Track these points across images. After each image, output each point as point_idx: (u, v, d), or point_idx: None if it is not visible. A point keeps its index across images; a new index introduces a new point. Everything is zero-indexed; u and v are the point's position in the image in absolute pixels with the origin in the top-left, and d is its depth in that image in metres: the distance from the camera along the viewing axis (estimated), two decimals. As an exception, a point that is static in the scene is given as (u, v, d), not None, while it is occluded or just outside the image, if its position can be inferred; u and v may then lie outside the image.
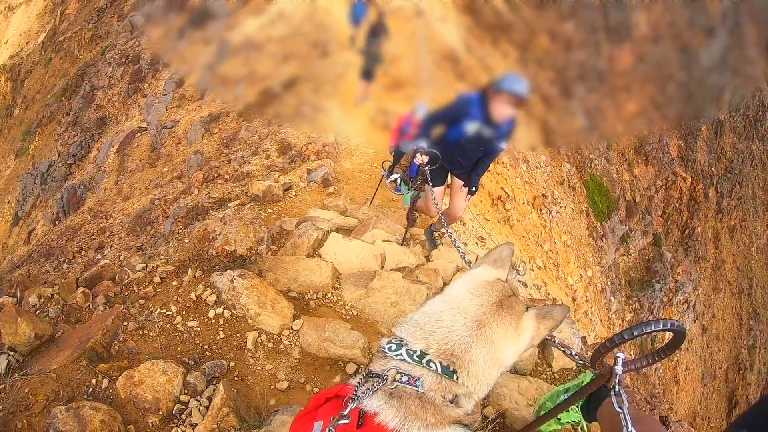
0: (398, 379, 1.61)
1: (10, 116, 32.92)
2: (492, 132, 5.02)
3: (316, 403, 1.77)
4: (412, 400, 1.58)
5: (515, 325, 1.73)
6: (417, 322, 1.73)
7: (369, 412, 1.58)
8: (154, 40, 22.83)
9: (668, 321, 1.84)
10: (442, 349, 1.64)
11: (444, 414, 1.60)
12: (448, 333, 1.67)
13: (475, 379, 1.66)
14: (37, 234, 19.87)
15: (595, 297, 16.88)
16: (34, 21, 37.48)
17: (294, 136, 13.25)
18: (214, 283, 4.11)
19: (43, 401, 2.94)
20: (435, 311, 1.74)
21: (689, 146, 23.79)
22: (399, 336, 1.71)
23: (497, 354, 1.69)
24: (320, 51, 9.03)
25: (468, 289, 1.79)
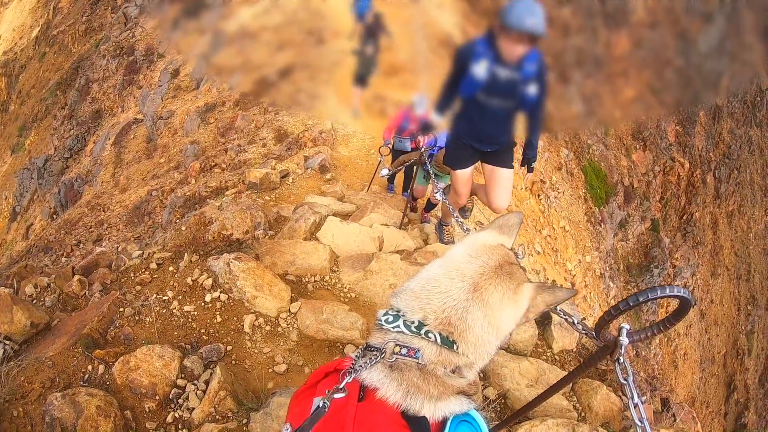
0: (397, 352, 1.54)
1: (6, 112, 32.80)
2: (511, 73, 3.96)
3: (315, 379, 1.72)
4: (413, 372, 1.53)
5: (513, 290, 1.65)
6: (413, 290, 1.66)
7: (369, 386, 1.53)
8: (149, 31, 22.76)
9: (673, 287, 1.76)
10: (440, 318, 1.58)
11: (447, 385, 1.55)
12: (445, 299, 1.60)
13: (474, 347, 1.59)
14: (35, 229, 19.83)
15: (594, 282, 16.87)
16: (27, 15, 37.31)
17: (290, 124, 13.24)
18: (210, 267, 4.07)
19: (39, 389, 2.91)
20: (432, 276, 1.67)
21: (687, 132, 23.76)
22: (396, 307, 1.65)
23: (494, 319, 1.62)
24: (315, 38, 9.02)
25: (467, 251, 1.72)
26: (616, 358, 2.01)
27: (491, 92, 4.09)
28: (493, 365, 3.73)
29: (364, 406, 1.50)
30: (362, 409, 1.49)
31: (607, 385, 3.93)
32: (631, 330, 2.02)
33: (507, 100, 4.16)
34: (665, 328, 2.02)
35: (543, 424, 3.16)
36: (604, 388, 3.85)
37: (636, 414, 1.91)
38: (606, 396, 3.77)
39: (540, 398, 2.56)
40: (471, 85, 4.07)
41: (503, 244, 1.82)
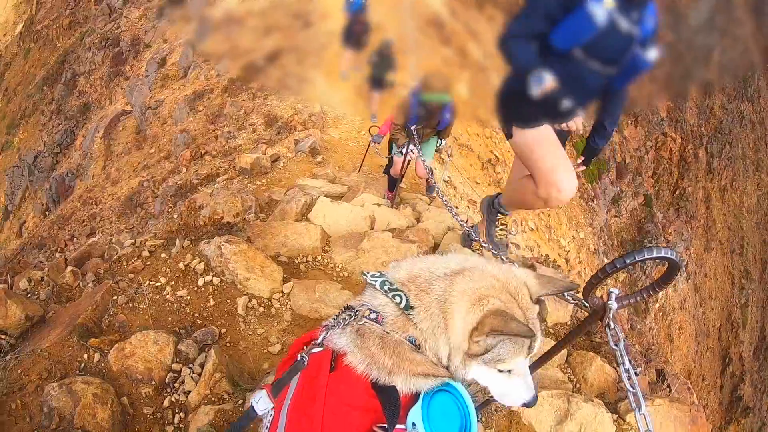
0: (367, 315, 1.55)
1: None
2: (632, 27, 2.91)
3: (296, 349, 1.72)
4: (373, 339, 1.52)
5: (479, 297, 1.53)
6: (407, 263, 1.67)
7: (339, 351, 1.54)
8: (134, 21, 22.59)
9: (661, 249, 1.72)
10: (413, 279, 1.59)
11: (404, 359, 1.51)
12: (426, 270, 1.61)
13: (428, 319, 1.53)
14: (28, 226, 19.76)
15: (588, 258, 16.94)
16: (10, 12, 36.92)
17: (280, 108, 13.19)
18: (202, 251, 4.06)
19: (36, 380, 2.89)
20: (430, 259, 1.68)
21: (678, 107, 23.75)
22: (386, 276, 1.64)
23: (449, 305, 1.53)
24: (302, 22, 9.01)
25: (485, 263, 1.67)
26: (606, 323, 1.99)
27: (598, 49, 2.95)
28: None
29: (335, 376, 1.50)
30: (333, 379, 1.50)
31: (602, 357, 3.95)
32: (620, 294, 1.96)
33: (610, 65, 3.07)
34: (654, 292, 1.99)
35: (538, 396, 3.18)
36: (599, 359, 3.86)
37: (627, 380, 1.90)
38: (600, 367, 3.79)
39: (532, 368, 2.56)
40: (576, 33, 2.88)
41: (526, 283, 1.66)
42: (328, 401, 1.45)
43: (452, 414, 1.48)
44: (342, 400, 1.47)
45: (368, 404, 1.46)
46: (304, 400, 1.51)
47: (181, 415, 2.90)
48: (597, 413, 3.16)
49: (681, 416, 3.49)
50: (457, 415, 1.48)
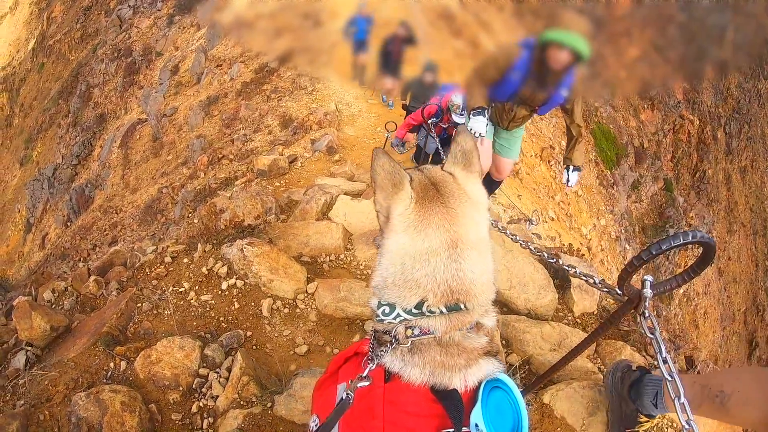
0: (410, 335, 1.47)
1: (10, 126, 33.00)
2: None
3: (336, 365, 1.66)
4: (433, 349, 1.46)
5: (466, 198, 1.56)
6: (395, 284, 1.51)
7: (393, 372, 1.47)
8: (144, 30, 22.75)
9: (696, 232, 1.63)
10: (439, 293, 1.46)
11: (470, 350, 1.47)
12: (433, 277, 1.47)
13: (481, 293, 1.50)
14: (50, 238, 19.97)
15: (610, 246, 16.79)
16: (22, 29, 37.40)
17: (294, 109, 13.21)
18: (224, 255, 4.03)
19: (63, 391, 2.88)
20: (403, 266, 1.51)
21: (694, 88, 23.47)
22: (385, 302, 1.54)
23: (483, 245, 1.53)
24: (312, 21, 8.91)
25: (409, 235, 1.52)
26: (641, 311, 1.93)
27: None
28: (514, 331, 3.68)
29: (392, 387, 1.45)
30: (390, 390, 1.45)
31: (631, 345, 3.88)
32: (655, 282, 1.89)
33: None
34: (690, 277, 1.87)
35: (569, 388, 3.11)
36: (628, 348, 3.79)
37: (665, 368, 1.83)
38: (630, 356, 3.72)
39: (563, 360, 2.50)
40: None
41: (452, 173, 1.64)
42: (387, 412, 1.40)
43: (506, 411, 1.45)
44: (402, 409, 1.41)
45: (431, 410, 1.41)
46: (358, 414, 1.45)
47: (210, 420, 2.87)
48: (629, 404, 3.11)
49: (712, 404, 3.43)
50: (510, 411, 1.45)
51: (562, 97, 4.75)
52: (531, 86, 4.53)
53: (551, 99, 4.84)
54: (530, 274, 4.24)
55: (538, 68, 4.09)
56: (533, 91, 4.73)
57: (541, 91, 4.68)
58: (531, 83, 4.44)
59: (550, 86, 4.46)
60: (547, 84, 4.41)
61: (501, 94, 4.62)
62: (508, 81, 4.24)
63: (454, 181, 1.60)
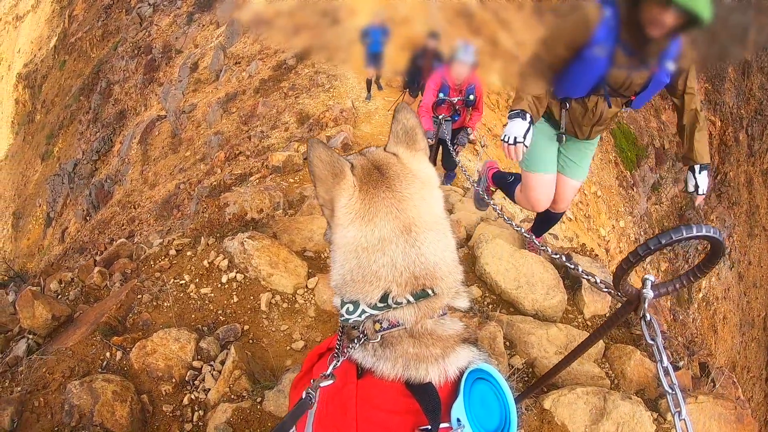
0: (379, 329, 1.39)
1: (32, 122, 33.41)
2: None
3: (310, 363, 1.60)
4: (405, 341, 1.38)
5: (413, 178, 1.48)
6: (354, 280, 1.43)
7: (366, 368, 1.40)
8: (164, 28, 22.91)
9: (701, 226, 1.51)
10: (403, 282, 1.39)
11: (445, 338, 1.40)
12: (392, 267, 1.39)
13: (448, 275, 1.43)
14: (70, 232, 20.16)
15: (629, 248, 16.61)
16: (44, 26, 37.84)
17: (311, 106, 13.20)
18: (226, 248, 4.02)
19: (59, 378, 2.91)
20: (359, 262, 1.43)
21: (716, 89, 23.21)
22: (348, 300, 1.45)
23: (440, 224, 1.46)
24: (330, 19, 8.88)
25: (356, 227, 1.44)
26: (641, 314, 1.80)
27: None
28: (519, 333, 3.61)
29: (365, 383, 1.38)
30: (362, 387, 1.38)
31: (642, 350, 3.78)
32: (657, 281, 1.73)
33: None
34: (696, 277, 1.69)
35: (572, 393, 3.03)
36: (638, 353, 3.69)
37: (665, 379, 1.69)
38: (640, 361, 3.62)
39: (563, 363, 2.37)
40: None
41: (396, 153, 1.56)
42: (361, 410, 1.33)
43: (492, 404, 1.37)
44: (376, 406, 1.34)
45: (406, 406, 1.33)
46: (331, 412, 1.39)
47: (200, 413, 2.86)
48: (635, 412, 3.00)
49: (726, 414, 3.32)
50: (496, 404, 1.38)
51: (666, 75, 3.24)
52: (625, 64, 3.07)
53: (653, 81, 3.26)
54: (539, 273, 4.17)
55: (631, 34, 2.87)
56: (629, 72, 3.15)
57: (641, 69, 3.12)
58: (624, 59, 3.02)
59: (652, 60, 3.07)
60: (647, 57, 3.04)
61: (579, 85, 3.30)
62: (587, 62, 3.05)
63: (399, 162, 1.52)
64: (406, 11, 7.98)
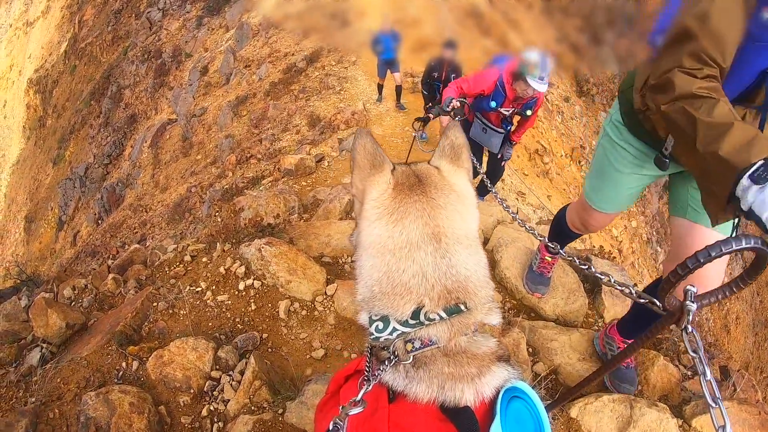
0: (411, 349, 1.31)
1: (43, 127, 33.60)
2: None
3: (336, 384, 1.52)
4: (439, 360, 1.30)
5: (450, 191, 1.42)
6: (383, 292, 1.35)
7: (397, 391, 1.31)
8: (174, 32, 22.96)
9: (750, 238, 1.47)
10: (435, 295, 1.31)
11: (480, 356, 1.31)
12: (423, 278, 1.32)
13: (481, 288, 1.35)
14: (82, 235, 20.24)
15: (641, 248, 16.49)
16: (54, 32, 38.05)
17: (322, 108, 13.19)
18: (242, 254, 3.96)
19: (74, 389, 2.85)
20: (390, 269, 1.35)
21: (729, 87, 23.02)
22: (376, 314, 1.37)
23: (471, 240, 1.38)
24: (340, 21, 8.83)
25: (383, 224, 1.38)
26: (683, 326, 1.72)
27: None
28: (542, 339, 3.53)
29: (397, 408, 1.30)
30: (395, 411, 1.30)
31: (664, 355, 3.70)
32: (698, 292, 1.62)
33: None
34: (739, 288, 1.62)
35: (598, 401, 2.96)
36: (661, 358, 3.60)
37: (708, 391, 1.62)
38: (663, 367, 3.53)
39: (596, 374, 2.32)
40: None
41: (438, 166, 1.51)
42: None
43: (527, 422, 1.31)
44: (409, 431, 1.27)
45: (442, 430, 1.26)
46: None
47: (220, 425, 2.79)
48: (662, 419, 2.92)
49: (750, 419, 3.23)
50: (531, 422, 1.31)
51: None
52: None
53: None
54: (559, 277, 4.09)
55: None
56: None
57: None
58: None
59: None
60: None
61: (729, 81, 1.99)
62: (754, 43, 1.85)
63: (439, 174, 1.46)
64: (415, 12, 7.92)
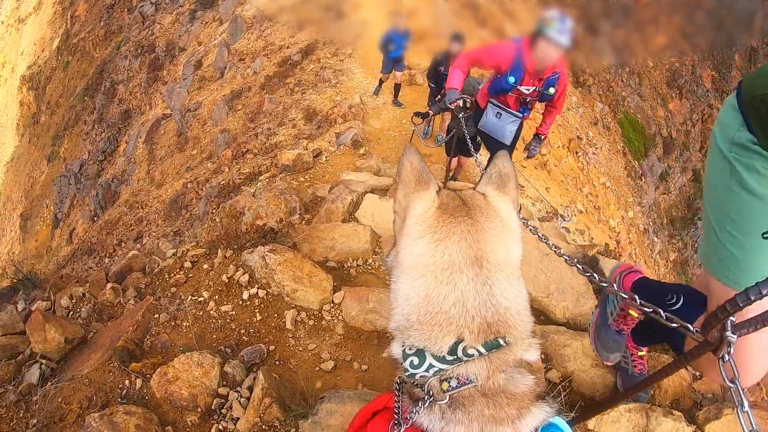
0: (447, 389, 1.23)
1: (37, 124, 33.43)
2: None
3: (363, 420, 1.46)
4: (479, 402, 1.23)
5: (495, 216, 1.36)
6: (420, 321, 1.28)
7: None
8: (167, 26, 22.81)
9: None
10: (475, 328, 1.24)
11: (519, 396, 1.23)
12: (463, 307, 1.25)
13: (521, 322, 1.28)
14: (78, 233, 20.14)
15: (638, 238, 16.51)
16: (46, 28, 37.82)
17: (318, 102, 13.11)
18: (245, 261, 3.87)
19: (76, 409, 2.76)
20: (429, 293, 1.29)
21: (723, 77, 23.03)
22: (410, 346, 1.30)
23: (513, 268, 1.32)
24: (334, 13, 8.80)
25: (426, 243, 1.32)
26: (720, 356, 1.65)
27: None
28: (554, 345, 3.48)
29: None
30: None
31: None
32: (736, 321, 1.56)
33: None
34: None
35: (615, 411, 2.90)
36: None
37: (745, 421, 1.57)
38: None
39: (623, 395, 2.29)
40: None
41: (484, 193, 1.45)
42: None
43: None
44: None
45: None
46: None
47: (230, 445, 2.72)
48: (677, 428, 2.88)
49: (765, 427, 3.21)
50: None
51: None
52: None
53: None
54: (568, 279, 4.03)
55: None
56: None
57: None
58: None
59: None
60: None
61: None
62: None
63: (485, 199, 1.41)
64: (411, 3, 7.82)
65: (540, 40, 4.46)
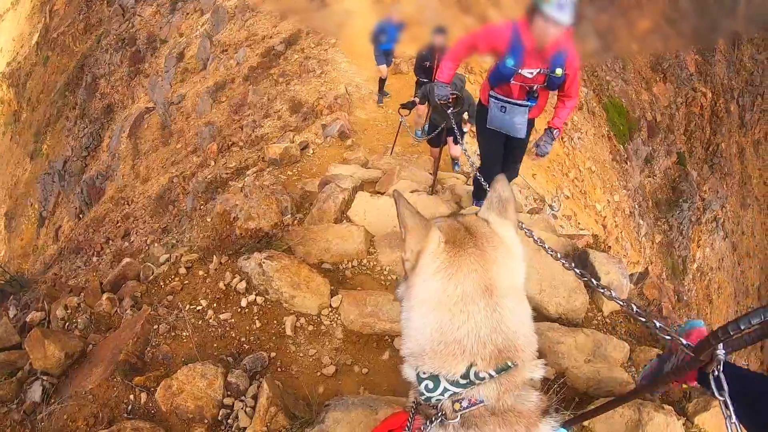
0: (459, 409, 1.31)
1: (18, 121, 33.04)
2: None
3: None
4: (488, 420, 1.30)
5: (500, 243, 1.43)
6: (434, 350, 1.35)
7: None
8: (147, 18, 22.58)
9: None
10: (486, 354, 1.31)
11: (526, 413, 1.31)
12: (476, 336, 1.32)
13: (527, 344, 1.37)
14: (64, 231, 19.98)
15: (624, 222, 16.68)
16: (24, 23, 37.31)
17: (304, 93, 13.04)
18: (242, 268, 3.90)
19: (83, 427, 2.77)
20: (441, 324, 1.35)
21: (707, 60, 23.20)
22: (424, 371, 1.37)
23: (518, 292, 1.41)
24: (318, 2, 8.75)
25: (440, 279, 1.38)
26: (710, 371, 1.70)
27: None
28: (548, 342, 3.54)
29: None
30: None
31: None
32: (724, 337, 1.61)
33: None
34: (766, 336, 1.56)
35: (607, 407, 3.01)
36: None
37: None
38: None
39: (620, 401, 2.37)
40: None
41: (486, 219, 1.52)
42: None
43: None
44: None
45: None
46: None
47: (239, 455, 2.75)
48: (669, 422, 2.97)
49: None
50: None
51: None
52: None
53: None
54: (560, 276, 4.10)
55: None
56: None
57: None
58: None
59: None
60: None
61: None
62: None
63: (488, 227, 1.47)
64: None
65: (537, 17, 3.95)
